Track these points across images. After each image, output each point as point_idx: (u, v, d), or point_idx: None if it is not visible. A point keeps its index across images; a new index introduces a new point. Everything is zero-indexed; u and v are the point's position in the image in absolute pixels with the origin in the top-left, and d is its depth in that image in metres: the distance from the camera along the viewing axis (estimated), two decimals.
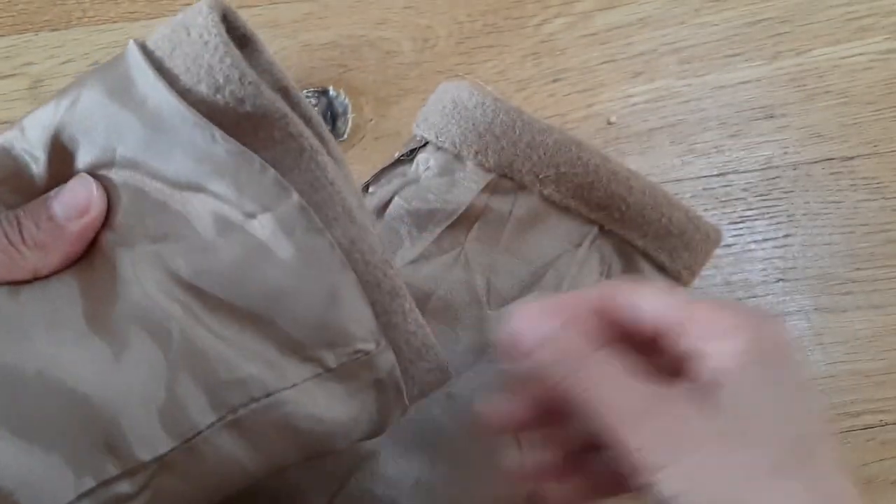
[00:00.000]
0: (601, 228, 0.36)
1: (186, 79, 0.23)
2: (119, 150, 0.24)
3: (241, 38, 0.25)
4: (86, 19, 0.45)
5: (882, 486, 0.41)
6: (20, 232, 0.24)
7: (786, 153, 0.45)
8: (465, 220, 0.36)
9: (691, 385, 0.24)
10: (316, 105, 0.45)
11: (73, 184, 0.25)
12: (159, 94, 0.23)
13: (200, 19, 0.23)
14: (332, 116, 0.44)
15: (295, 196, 0.23)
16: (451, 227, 0.36)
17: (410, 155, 0.39)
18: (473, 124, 0.36)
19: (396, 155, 0.39)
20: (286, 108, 0.24)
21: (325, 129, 0.26)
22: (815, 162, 0.45)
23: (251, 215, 0.23)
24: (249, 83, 0.23)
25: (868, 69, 0.46)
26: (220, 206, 0.23)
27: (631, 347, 0.26)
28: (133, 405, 0.22)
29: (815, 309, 0.43)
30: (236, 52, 0.23)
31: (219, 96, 0.23)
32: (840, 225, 0.44)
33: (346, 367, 0.24)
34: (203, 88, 0.23)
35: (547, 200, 0.36)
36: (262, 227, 0.23)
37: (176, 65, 0.23)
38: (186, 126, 0.23)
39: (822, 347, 0.42)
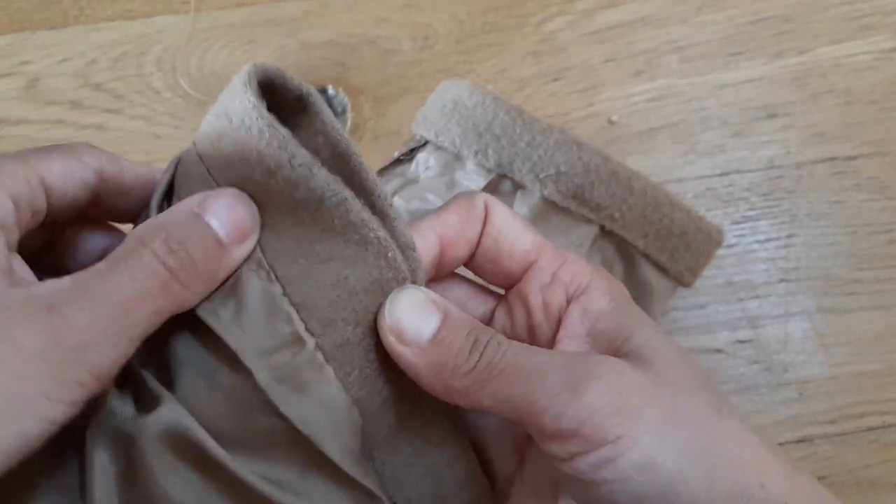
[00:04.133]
0: (602, 229, 0.36)
1: (241, 168, 0.21)
2: None
3: (296, 99, 0.23)
4: (83, 18, 0.45)
5: (886, 488, 0.40)
6: (193, 265, 0.21)
7: (788, 153, 0.45)
8: None
9: (575, 346, 0.23)
10: None
11: (228, 198, 0.22)
12: None
13: (237, 102, 0.21)
14: None
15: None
16: None
17: (410, 154, 0.38)
18: (473, 124, 0.35)
19: (396, 154, 0.39)
20: (344, 191, 0.21)
21: (389, 203, 0.23)
22: (818, 162, 0.44)
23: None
24: (300, 165, 0.21)
25: (871, 68, 0.46)
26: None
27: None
28: None
29: (819, 310, 0.42)
30: (282, 131, 0.21)
31: (272, 181, 0.21)
32: (843, 225, 0.43)
33: None
34: (257, 175, 0.21)
35: (547, 201, 0.36)
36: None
37: (226, 155, 0.22)
38: None
39: (826, 349, 0.42)
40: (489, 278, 0.26)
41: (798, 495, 0.20)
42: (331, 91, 0.44)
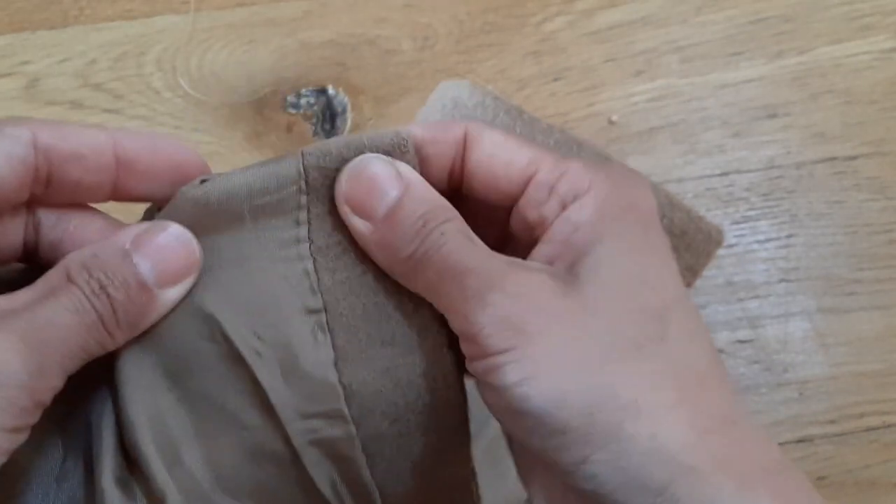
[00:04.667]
0: None
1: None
2: None
3: None
4: (83, 18, 0.45)
5: (886, 488, 0.40)
6: (113, 310, 0.19)
7: (788, 153, 0.45)
8: None
9: (546, 252, 0.21)
10: (315, 104, 0.44)
11: (165, 238, 0.20)
12: None
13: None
14: (331, 115, 0.44)
15: None
16: None
17: None
18: None
19: None
20: None
21: None
22: (818, 162, 0.44)
23: None
24: None
25: (871, 68, 0.46)
26: None
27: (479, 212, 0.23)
28: None
29: (819, 310, 0.42)
30: None
31: None
32: (843, 225, 0.43)
33: None
34: None
35: None
36: None
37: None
38: None
39: (826, 349, 0.42)
40: (494, 203, 0.24)
41: (703, 454, 0.18)
42: (331, 91, 0.44)
